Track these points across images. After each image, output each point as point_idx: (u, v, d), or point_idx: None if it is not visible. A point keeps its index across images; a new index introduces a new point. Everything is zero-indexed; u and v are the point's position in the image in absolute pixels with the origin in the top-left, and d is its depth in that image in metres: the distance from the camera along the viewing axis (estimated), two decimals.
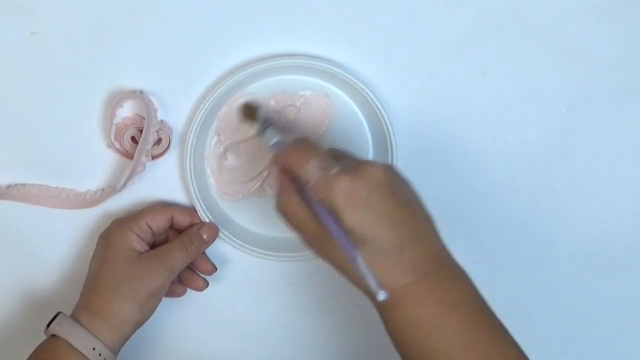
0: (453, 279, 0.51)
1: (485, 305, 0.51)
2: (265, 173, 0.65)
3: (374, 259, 0.48)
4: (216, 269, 0.65)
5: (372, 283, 0.47)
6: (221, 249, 0.65)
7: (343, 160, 0.51)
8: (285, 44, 0.63)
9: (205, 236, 0.62)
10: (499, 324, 0.51)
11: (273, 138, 0.56)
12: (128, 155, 0.64)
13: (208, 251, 0.64)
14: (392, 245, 0.49)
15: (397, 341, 0.52)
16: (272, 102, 0.64)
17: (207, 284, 0.65)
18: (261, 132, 0.58)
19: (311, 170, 0.50)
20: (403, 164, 0.63)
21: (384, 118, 0.62)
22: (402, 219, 0.50)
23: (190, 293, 0.66)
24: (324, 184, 0.49)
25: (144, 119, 0.62)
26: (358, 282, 0.51)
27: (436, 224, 0.52)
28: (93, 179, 0.65)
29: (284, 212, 0.53)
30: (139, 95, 0.62)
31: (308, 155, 0.50)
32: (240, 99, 0.63)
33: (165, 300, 0.62)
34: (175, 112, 0.64)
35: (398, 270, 0.49)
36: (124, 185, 0.63)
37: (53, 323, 0.58)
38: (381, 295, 0.47)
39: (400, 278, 0.49)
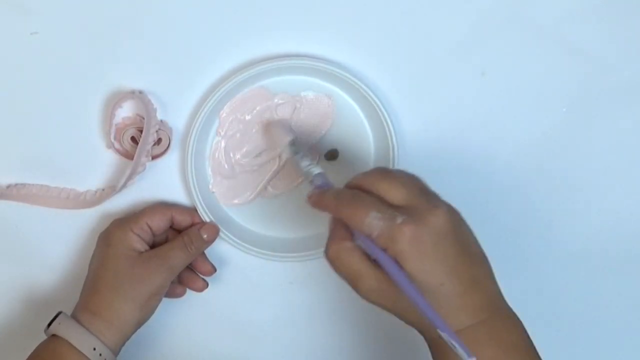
0: (509, 323, 0.52)
1: (535, 350, 0.52)
2: (266, 179, 0.65)
3: (437, 305, 0.48)
4: (215, 269, 0.65)
5: (459, 347, 0.46)
6: (221, 249, 0.65)
7: (404, 208, 0.50)
8: (287, 44, 0.63)
9: (205, 236, 0.62)
10: None
11: (312, 171, 0.56)
12: (128, 155, 0.64)
13: (208, 251, 0.64)
14: (456, 291, 0.49)
15: None
16: (277, 100, 0.64)
17: (207, 285, 0.65)
18: (297, 161, 0.59)
19: (372, 222, 0.48)
20: (404, 164, 0.63)
21: (385, 118, 0.62)
22: (465, 264, 0.50)
23: (190, 293, 0.66)
24: (389, 235, 0.48)
25: (143, 119, 0.62)
26: (418, 323, 0.51)
27: (491, 266, 0.52)
28: (93, 179, 0.65)
29: (336, 260, 0.51)
30: (138, 95, 0.62)
31: (365, 209, 0.49)
32: (264, 114, 0.63)
33: (165, 300, 0.62)
34: (175, 112, 0.64)
35: (459, 314, 0.49)
36: (124, 186, 0.62)
37: (54, 323, 0.58)
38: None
39: (461, 321, 0.49)
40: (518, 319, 0.52)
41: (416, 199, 0.50)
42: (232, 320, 0.68)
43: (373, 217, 0.49)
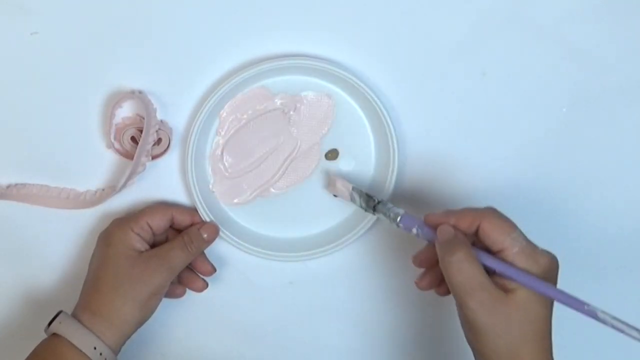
0: None
1: None
2: (266, 179, 0.65)
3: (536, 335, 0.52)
4: (215, 270, 0.65)
5: (634, 332, 0.49)
6: (221, 249, 0.65)
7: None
8: (287, 44, 0.63)
9: (205, 235, 0.62)
10: None
11: (398, 212, 0.57)
12: (128, 155, 0.64)
13: (208, 251, 0.64)
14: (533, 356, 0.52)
15: None
16: (277, 101, 0.64)
17: (207, 285, 0.65)
18: (374, 209, 0.60)
19: (518, 238, 0.52)
20: (404, 163, 0.63)
21: (385, 118, 0.62)
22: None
23: (190, 293, 0.66)
24: (532, 253, 0.52)
25: (143, 118, 0.62)
26: (504, 353, 0.52)
27: None
28: (93, 179, 0.65)
29: (458, 266, 0.51)
30: (138, 95, 0.62)
31: (512, 224, 0.53)
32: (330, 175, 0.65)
33: (165, 300, 0.62)
34: (175, 112, 0.64)
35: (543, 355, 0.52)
36: (124, 185, 0.62)
37: (54, 322, 0.58)
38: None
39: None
40: None
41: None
42: (232, 320, 0.68)
43: (519, 234, 0.52)
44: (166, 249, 0.61)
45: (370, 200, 0.60)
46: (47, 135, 0.64)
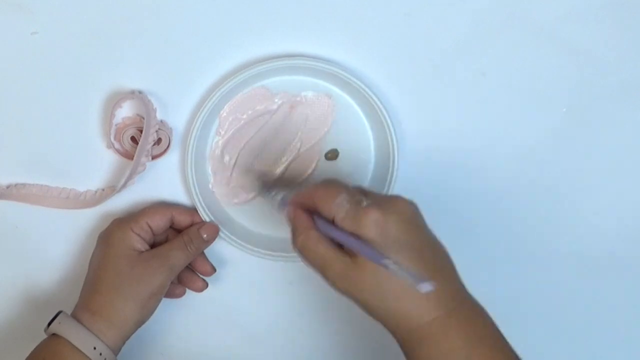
0: (476, 314, 0.52)
1: (505, 340, 0.52)
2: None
3: (404, 293, 0.49)
4: (215, 270, 0.65)
5: (410, 279, 0.46)
6: (221, 249, 0.65)
7: (369, 195, 0.52)
8: (287, 44, 0.63)
9: (205, 236, 0.62)
10: (517, 357, 0.52)
11: (278, 195, 0.58)
12: (128, 155, 0.64)
13: (208, 251, 0.65)
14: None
15: None
16: (277, 101, 0.64)
17: (207, 285, 0.65)
18: (265, 195, 0.60)
19: (341, 203, 0.50)
20: (404, 163, 0.63)
21: (385, 118, 0.62)
22: (428, 254, 0.51)
23: (189, 293, 0.66)
24: (355, 216, 0.49)
25: (143, 119, 0.62)
26: (386, 317, 0.51)
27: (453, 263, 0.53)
28: (93, 179, 0.65)
29: (304, 249, 0.52)
30: (137, 95, 0.62)
31: (337, 190, 0.51)
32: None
33: (165, 301, 0.62)
34: (175, 112, 0.64)
35: (427, 304, 0.50)
36: (124, 186, 0.63)
37: (54, 322, 0.58)
38: (426, 287, 0.46)
39: (429, 312, 0.50)
40: (483, 308, 0.52)
41: (377, 194, 0.53)
42: (232, 320, 0.68)
43: (342, 199, 0.50)
44: (166, 249, 0.61)
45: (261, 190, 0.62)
46: (47, 135, 0.64)
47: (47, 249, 0.66)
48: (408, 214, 0.51)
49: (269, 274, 0.67)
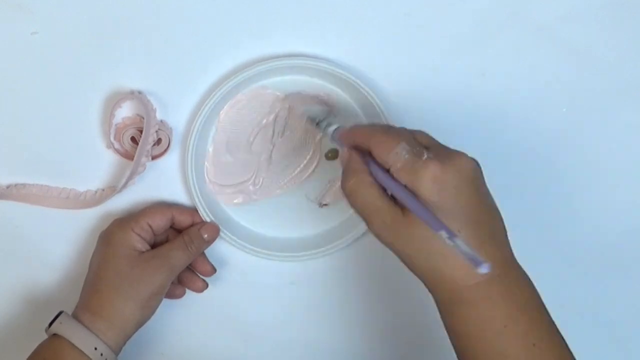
0: (521, 282, 0.51)
1: (546, 311, 0.51)
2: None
3: (451, 254, 0.46)
4: (215, 270, 0.65)
5: (470, 256, 0.44)
6: (221, 249, 0.65)
7: (431, 148, 0.50)
8: (287, 44, 0.63)
9: (205, 236, 0.62)
10: (557, 330, 0.51)
11: (330, 127, 0.57)
12: (128, 155, 0.64)
13: (208, 251, 0.65)
14: (473, 242, 0.48)
15: (461, 342, 0.51)
16: (277, 101, 0.64)
17: (207, 285, 0.65)
18: (318, 125, 0.59)
19: (400, 153, 0.48)
20: None
21: (385, 118, 0.61)
22: (484, 217, 0.49)
23: (190, 293, 0.66)
24: (413, 168, 0.47)
25: (143, 119, 0.62)
26: (427, 272, 0.50)
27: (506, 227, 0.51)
28: (93, 179, 0.65)
29: (354, 193, 0.50)
30: (137, 95, 0.62)
31: (397, 138, 0.49)
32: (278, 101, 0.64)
33: (165, 301, 0.62)
34: (175, 112, 0.64)
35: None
36: (124, 186, 0.62)
37: (55, 322, 0.58)
38: (484, 268, 0.43)
39: (474, 276, 0.48)
40: (528, 277, 0.51)
41: (440, 145, 0.50)
42: (232, 320, 0.68)
43: (402, 148, 0.48)
44: (166, 249, 0.61)
45: (313, 122, 0.60)
46: (47, 136, 0.64)
47: (47, 249, 0.66)
48: (469, 172, 0.48)
49: (269, 274, 0.67)
